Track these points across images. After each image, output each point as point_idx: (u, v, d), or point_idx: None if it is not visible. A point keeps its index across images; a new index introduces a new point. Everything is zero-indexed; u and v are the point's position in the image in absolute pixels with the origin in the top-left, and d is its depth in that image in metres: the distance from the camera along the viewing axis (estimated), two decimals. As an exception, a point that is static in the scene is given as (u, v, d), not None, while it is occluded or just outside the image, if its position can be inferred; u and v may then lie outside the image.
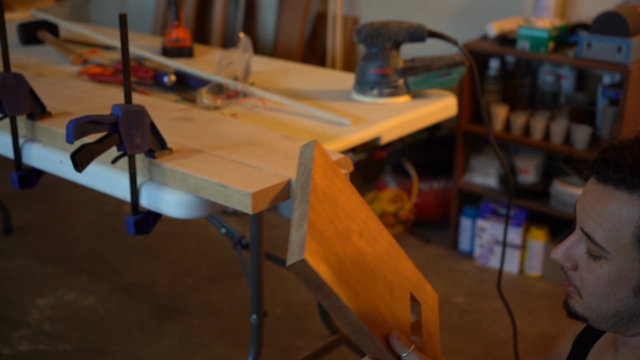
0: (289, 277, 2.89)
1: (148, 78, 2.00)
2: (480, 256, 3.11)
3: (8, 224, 3.29)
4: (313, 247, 0.95)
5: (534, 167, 2.97)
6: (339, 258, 0.99)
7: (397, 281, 1.13)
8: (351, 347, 2.32)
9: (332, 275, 0.95)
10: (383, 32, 1.83)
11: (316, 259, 0.94)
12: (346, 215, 1.09)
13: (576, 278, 1.04)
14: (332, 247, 1.00)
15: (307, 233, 0.96)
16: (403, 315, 1.09)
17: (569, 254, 1.04)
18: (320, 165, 1.10)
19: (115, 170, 1.43)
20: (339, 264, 0.99)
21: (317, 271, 0.93)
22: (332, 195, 1.08)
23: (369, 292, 1.03)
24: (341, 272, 0.98)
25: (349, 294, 0.97)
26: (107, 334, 2.62)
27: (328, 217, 1.03)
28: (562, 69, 2.99)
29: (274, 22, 3.79)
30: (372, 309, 1.01)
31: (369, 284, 1.04)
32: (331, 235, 1.01)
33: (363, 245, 1.09)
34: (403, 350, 1.03)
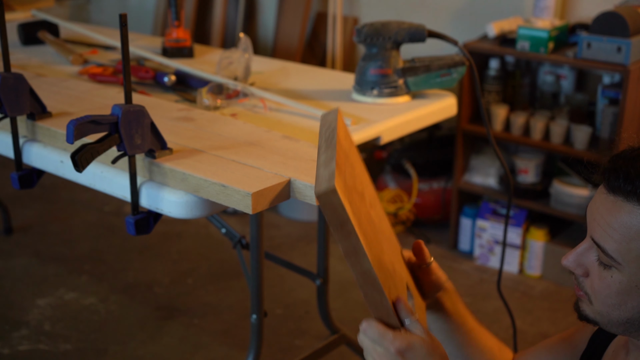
0: (289, 277, 2.89)
1: (148, 78, 2.00)
2: (480, 256, 3.12)
3: (8, 224, 3.29)
4: (340, 183, 0.94)
5: (534, 167, 2.97)
6: (357, 209, 0.99)
7: (397, 264, 1.12)
8: (351, 347, 2.32)
9: (354, 217, 0.94)
10: (383, 32, 1.83)
11: (342, 194, 0.93)
12: (361, 182, 1.08)
13: (587, 285, 1.03)
14: (352, 196, 0.99)
15: (336, 169, 0.95)
16: (403, 294, 1.09)
17: (580, 261, 1.04)
18: (342, 129, 1.09)
19: (115, 170, 1.43)
20: (358, 214, 0.98)
21: (344, 204, 0.91)
22: (351, 158, 1.07)
23: (379, 254, 1.02)
24: (359, 220, 0.97)
25: (365, 242, 0.96)
26: (108, 334, 2.62)
27: (349, 172, 1.03)
28: (561, 69, 2.99)
29: (274, 22, 3.79)
30: (381, 268, 1.01)
31: (378, 249, 1.03)
32: (352, 187, 1.01)
33: (373, 214, 1.08)
34: (408, 316, 1.02)
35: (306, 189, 1.27)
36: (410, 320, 1.02)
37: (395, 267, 1.10)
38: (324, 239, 2.19)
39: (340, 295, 2.83)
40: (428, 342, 1.01)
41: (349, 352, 2.41)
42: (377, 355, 1.00)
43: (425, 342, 1.01)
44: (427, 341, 1.01)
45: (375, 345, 1.01)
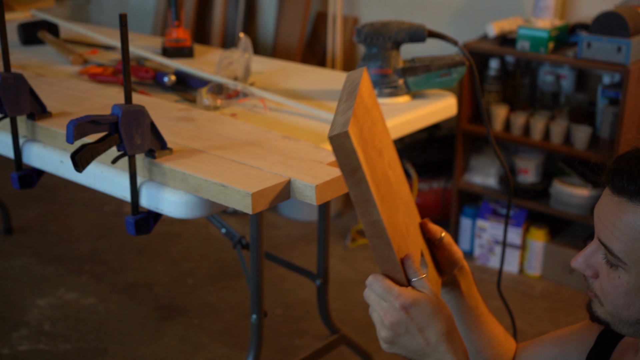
0: (289, 277, 2.89)
1: (148, 78, 2.00)
2: (480, 256, 3.12)
3: (8, 224, 3.29)
4: (355, 131, 0.93)
5: (534, 167, 2.97)
6: (372, 161, 0.98)
7: (412, 229, 1.11)
8: (351, 347, 2.32)
9: (367, 165, 0.94)
10: (383, 32, 1.83)
11: (356, 140, 0.92)
12: (380, 140, 1.07)
13: (596, 286, 1.04)
14: (367, 148, 0.97)
15: (352, 117, 0.94)
16: (416, 258, 1.07)
17: (589, 262, 1.04)
18: (366, 87, 1.09)
19: (115, 170, 1.43)
20: (372, 165, 0.97)
21: (356, 149, 0.91)
22: (372, 115, 1.06)
23: (392, 210, 1.01)
24: (373, 171, 0.96)
25: (377, 193, 0.95)
26: (107, 334, 2.62)
27: (367, 126, 1.01)
28: (562, 69, 2.99)
29: (274, 22, 3.79)
30: (392, 224, 0.99)
31: (392, 206, 1.02)
32: (369, 140, 0.99)
33: (391, 175, 1.07)
34: (415, 274, 1.01)
35: (306, 189, 1.27)
36: (418, 277, 1.01)
37: (410, 230, 1.09)
38: (324, 239, 2.19)
39: (340, 295, 2.83)
40: (434, 300, 1.01)
41: (349, 352, 2.40)
42: (382, 310, 1.00)
43: (431, 300, 1.00)
44: (433, 300, 1.00)
45: (380, 299, 1.00)
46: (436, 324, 1.00)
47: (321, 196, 1.27)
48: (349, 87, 1.07)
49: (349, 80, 1.10)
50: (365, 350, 2.34)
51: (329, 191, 1.28)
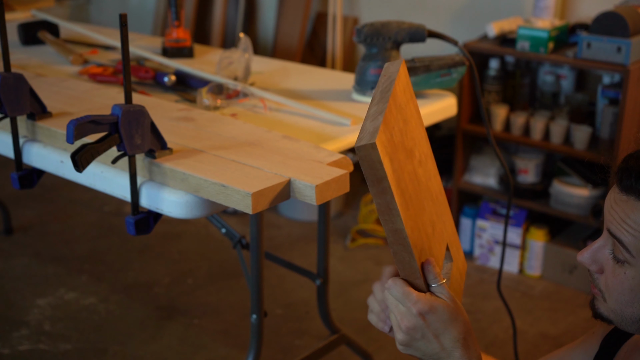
0: (289, 277, 2.89)
1: (148, 78, 2.00)
2: (480, 256, 3.12)
3: (8, 224, 3.29)
4: (383, 139, 0.93)
5: (534, 167, 2.97)
6: (400, 167, 0.98)
7: (438, 225, 1.11)
8: (351, 347, 2.32)
9: (393, 175, 0.94)
10: (383, 32, 1.83)
11: (383, 150, 0.92)
12: (412, 139, 1.07)
13: (601, 282, 1.04)
14: (397, 153, 0.98)
15: (382, 124, 0.94)
16: (438, 257, 1.08)
17: (596, 257, 1.04)
18: (402, 82, 1.08)
19: (115, 170, 1.43)
20: (400, 172, 0.98)
21: (382, 161, 0.91)
22: (405, 113, 1.06)
23: (417, 215, 1.02)
24: (400, 179, 0.97)
25: (402, 202, 0.96)
26: (107, 334, 2.62)
27: (399, 128, 1.02)
28: (561, 69, 2.99)
29: (274, 22, 3.79)
30: (415, 228, 1.00)
31: (418, 209, 1.03)
32: (399, 144, 1.00)
33: (420, 174, 1.07)
34: (435, 279, 1.03)
35: (306, 189, 1.27)
36: (438, 283, 1.02)
37: (436, 227, 1.09)
38: (324, 239, 2.19)
39: (340, 295, 2.83)
40: (451, 307, 1.02)
41: (349, 352, 2.41)
42: (399, 314, 1.01)
43: (449, 306, 1.02)
44: (451, 306, 1.02)
45: (398, 303, 1.02)
46: (452, 330, 1.01)
47: (321, 196, 1.27)
48: (384, 83, 1.06)
49: (385, 75, 1.09)
50: (365, 350, 2.34)
51: (329, 191, 1.28)
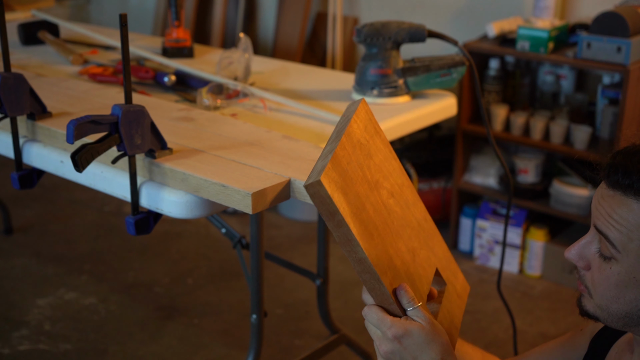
0: (289, 277, 2.89)
1: (148, 78, 2.00)
2: (480, 256, 3.12)
3: (8, 224, 3.29)
4: (332, 176, 0.98)
5: (534, 167, 2.97)
6: (359, 199, 1.02)
7: (423, 251, 1.14)
8: (351, 346, 2.32)
9: (347, 208, 0.98)
10: (383, 32, 1.83)
11: (332, 186, 0.97)
12: (379, 171, 1.11)
13: (588, 278, 1.05)
14: (354, 187, 1.02)
15: (330, 163, 0.99)
16: (421, 281, 1.10)
17: (582, 253, 1.05)
18: (361, 120, 1.13)
19: (115, 170, 1.43)
20: (358, 204, 1.01)
21: (331, 196, 0.96)
22: (368, 148, 1.10)
23: (386, 243, 1.04)
24: (359, 211, 1.01)
25: (362, 232, 0.99)
26: (108, 334, 2.62)
27: (358, 162, 1.06)
28: (561, 69, 2.99)
29: (274, 22, 3.79)
30: (384, 256, 1.03)
31: (388, 237, 1.06)
32: (357, 178, 1.04)
33: (392, 203, 1.10)
34: (409, 303, 1.04)
35: (306, 189, 1.27)
36: (413, 307, 1.04)
37: (418, 253, 1.11)
38: (324, 239, 2.19)
39: (340, 295, 2.83)
40: (427, 329, 1.03)
41: (349, 352, 2.41)
42: (377, 339, 1.04)
43: (424, 329, 1.03)
44: (427, 328, 1.03)
45: (375, 329, 1.04)
46: (429, 351, 1.03)
47: (321, 196, 1.27)
48: (340, 123, 1.11)
49: (344, 115, 1.14)
50: (365, 350, 2.34)
51: (329, 191, 1.28)
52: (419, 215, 1.17)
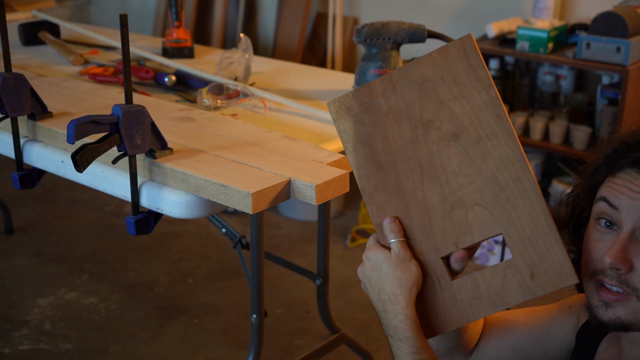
0: (289, 277, 2.90)
1: (148, 78, 2.01)
2: (480, 256, 3.12)
3: (9, 224, 3.30)
4: (349, 104, 1.10)
5: (534, 167, 2.98)
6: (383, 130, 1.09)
7: (479, 209, 1.05)
8: (351, 346, 2.33)
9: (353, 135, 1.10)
10: (383, 32, 1.84)
11: (343, 112, 1.10)
12: (444, 112, 1.06)
13: (634, 279, 0.99)
14: (380, 120, 1.09)
15: (352, 92, 1.10)
16: (447, 236, 1.06)
17: (626, 254, 0.99)
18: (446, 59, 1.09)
19: (115, 170, 1.43)
20: (377, 134, 1.09)
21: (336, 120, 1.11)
22: (436, 87, 1.07)
23: (401, 178, 1.08)
24: (372, 140, 1.09)
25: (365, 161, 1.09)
26: (108, 334, 2.62)
27: (403, 98, 1.09)
28: (561, 69, 2.99)
29: (274, 23, 3.80)
30: (388, 189, 1.08)
31: (409, 174, 1.07)
32: (391, 112, 1.08)
33: (444, 147, 1.05)
34: (389, 235, 1.07)
35: (306, 189, 1.28)
36: (394, 239, 1.06)
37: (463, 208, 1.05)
38: (324, 239, 2.20)
39: (340, 295, 2.83)
40: (392, 261, 1.06)
41: (349, 352, 2.41)
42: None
43: (388, 259, 1.06)
44: (392, 260, 1.06)
45: None
46: (383, 282, 1.06)
47: (321, 196, 1.28)
48: None
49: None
50: (365, 349, 2.34)
51: (329, 191, 1.28)
52: (504, 172, 1.03)
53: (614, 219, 1.02)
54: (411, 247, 1.07)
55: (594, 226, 1.06)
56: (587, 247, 1.06)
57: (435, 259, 1.07)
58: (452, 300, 1.07)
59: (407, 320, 1.03)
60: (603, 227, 1.04)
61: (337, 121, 1.10)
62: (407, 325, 1.03)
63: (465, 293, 1.07)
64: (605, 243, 1.02)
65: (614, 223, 1.03)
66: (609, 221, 1.03)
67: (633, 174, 1.01)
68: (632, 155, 1.02)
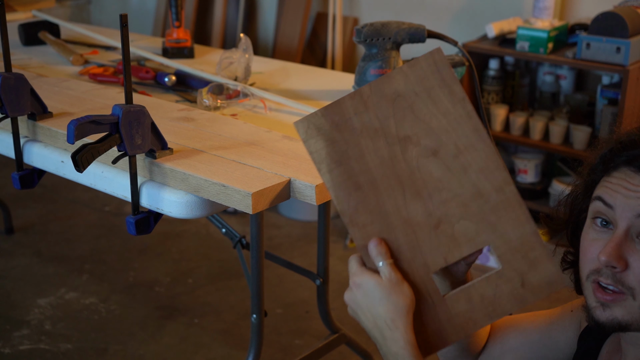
0: (289, 277, 2.90)
1: (149, 78, 2.01)
2: (480, 256, 3.12)
3: (9, 224, 3.30)
4: (319, 123, 1.03)
5: (534, 167, 2.98)
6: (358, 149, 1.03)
7: (466, 223, 1.04)
8: (351, 346, 2.33)
9: (326, 155, 1.03)
10: (383, 32, 1.84)
11: (313, 132, 1.03)
12: (420, 127, 1.04)
13: (629, 278, 0.99)
14: (355, 137, 1.03)
15: (321, 110, 1.04)
16: (434, 251, 1.04)
17: (621, 252, 0.99)
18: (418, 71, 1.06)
19: (116, 170, 1.43)
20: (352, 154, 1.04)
21: (305, 140, 1.03)
22: (412, 101, 1.04)
23: (382, 197, 1.03)
24: (348, 160, 1.03)
25: (342, 181, 1.04)
26: (108, 334, 2.62)
27: (377, 114, 1.04)
28: (561, 69, 2.99)
29: (274, 23, 3.80)
30: (369, 209, 1.04)
31: (391, 193, 1.03)
32: (365, 129, 1.04)
33: (425, 162, 1.03)
34: (377, 257, 1.03)
35: (306, 189, 1.28)
36: (383, 262, 1.03)
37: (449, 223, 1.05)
38: (324, 238, 2.20)
39: (340, 295, 2.83)
40: (385, 285, 1.02)
41: (349, 352, 2.41)
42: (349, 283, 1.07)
43: (381, 284, 1.02)
44: (384, 285, 1.02)
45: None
46: (379, 308, 1.02)
47: (321, 196, 1.28)
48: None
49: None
50: (365, 349, 2.34)
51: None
52: (486, 184, 1.04)
53: (610, 218, 1.02)
54: (399, 267, 1.04)
55: (590, 226, 1.05)
56: (584, 247, 1.05)
57: (426, 276, 1.05)
58: (447, 316, 1.06)
59: (407, 345, 1.01)
60: (599, 227, 1.04)
61: (307, 142, 1.03)
62: (408, 352, 1.01)
63: (458, 307, 1.05)
64: (601, 242, 1.02)
65: (609, 222, 1.02)
66: (605, 220, 1.03)
67: (628, 173, 1.01)
68: (626, 154, 1.02)
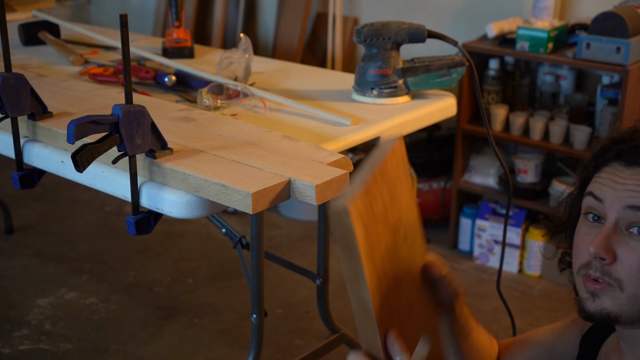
0: (289, 277, 2.90)
1: (149, 78, 2.01)
2: (480, 256, 3.12)
3: (9, 224, 3.30)
4: (359, 206, 0.90)
5: (533, 167, 2.98)
6: (378, 239, 0.96)
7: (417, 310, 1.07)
8: (351, 346, 2.32)
9: (366, 244, 0.91)
10: (383, 32, 1.84)
11: (357, 216, 0.89)
12: (399, 215, 1.04)
13: (616, 270, 1.00)
14: (376, 225, 0.95)
15: (361, 191, 0.92)
16: (411, 340, 1.04)
17: (609, 244, 1.00)
18: (396, 157, 1.05)
19: (116, 170, 1.43)
20: (375, 243, 0.95)
21: (354, 226, 0.88)
22: (395, 188, 1.03)
23: (390, 290, 0.99)
24: (373, 249, 0.94)
25: (373, 273, 0.93)
26: (108, 334, 2.62)
27: (383, 201, 0.99)
28: (561, 69, 2.99)
29: (274, 23, 3.80)
30: (386, 305, 0.98)
31: (392, 285, 1.00)
32: (380, 216, 0.97)
33: (403, 251, 1.04)
34: (398, 353, 0.99)
35: (306, 189, 1.28)
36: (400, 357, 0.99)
37: (414, 309, 1.06)
38: (324, 239, 2.20)
39: (340, 295, 2.83)
40: None
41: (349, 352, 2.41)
42: None
43: None
44: None
45: None
46: None
47: (321, 196, 1.28)
48: (375, 155, 1.04)
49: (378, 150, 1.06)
50: (365, 349, 2.34)
51: (329, 191, 1.29)
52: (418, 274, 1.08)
53: (600, 212, 1.03)
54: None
55: (582, 222, 1.06)
56: (576, 242, 1.06)
57: None
58: None
59: None
60: (591, 222, 1.04)
61: None
62: None
63: None
64: (592, 237, 1.03)
65: (601, 217, 1.03)
66: (597, 215, 1.04)
67: (616, 167, 1.02)
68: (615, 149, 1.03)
